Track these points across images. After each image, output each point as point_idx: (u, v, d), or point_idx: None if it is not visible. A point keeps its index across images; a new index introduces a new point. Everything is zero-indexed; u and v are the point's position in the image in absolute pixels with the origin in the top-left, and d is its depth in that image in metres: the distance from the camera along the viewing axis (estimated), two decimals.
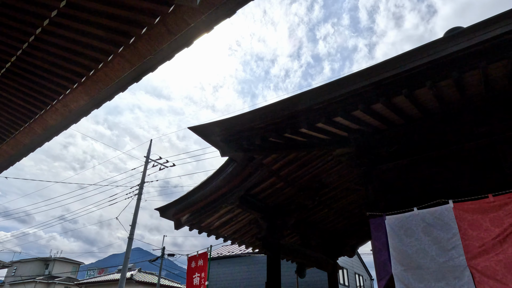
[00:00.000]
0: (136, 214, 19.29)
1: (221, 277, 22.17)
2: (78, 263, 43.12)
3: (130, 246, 18.48)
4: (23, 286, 36.05)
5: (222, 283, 21.78)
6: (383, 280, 4.00)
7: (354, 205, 6.84)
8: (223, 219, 5.97)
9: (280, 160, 5.06)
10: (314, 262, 6.81)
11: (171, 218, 5.70)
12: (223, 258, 23.04)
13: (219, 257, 23.51)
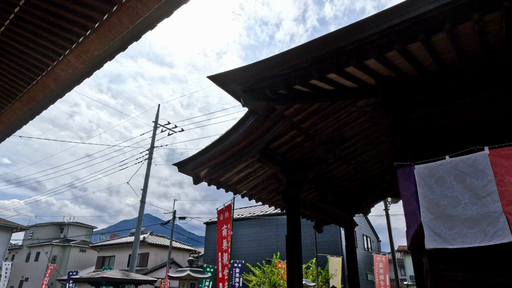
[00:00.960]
0: (147, 177, 19.53)
1: (238, 238, 22.76)
2: (91, 227, 44.59)
3: (143, 209, 18.88)
4: (40, 249, 37.57)
5: (240, 244, 22.39)
6: (411, 228, 3.94)
7: (373, 161, 6.72)
8: (241, 174, 5.90)
9: (302, 111, 4.87)
10: (332, 217, 6.81)
11: (189, 173, 5.64)
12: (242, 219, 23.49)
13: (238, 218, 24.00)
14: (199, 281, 5.75)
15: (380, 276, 11.07)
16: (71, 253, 38.28)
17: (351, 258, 7.08)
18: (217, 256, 5.08)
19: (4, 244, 23.01)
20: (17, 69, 5.20)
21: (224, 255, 4.84)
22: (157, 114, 21.98)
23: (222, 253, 4.91)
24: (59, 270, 36.17)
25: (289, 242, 5.34)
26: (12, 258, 40.71)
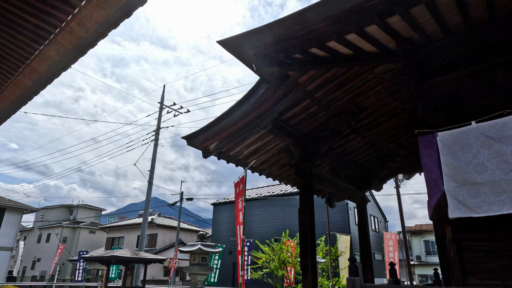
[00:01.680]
0: (154, 158, 19.51)
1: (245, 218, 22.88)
2: (100, 209, 45.22)
3: (151, 190, 18.95)
4: (51, 230, 38.29)
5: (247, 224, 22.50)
6: (434, 198, 3.77)
7: (388, 134, 6.50)
8: (252, 148, 5.73)
9: (317, 78, 4.64)
10: (344, 192, 6.66)
11: (198, 146, 5.47)
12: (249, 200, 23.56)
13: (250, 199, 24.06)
14: (210, 255, 5.67)
15: (390, 254, 11.02)
16: (81, 234, 38.99)
17: (364, 234, 6.96)
18: (236, 230, 4.97)
19: (16, 225, 23.40)
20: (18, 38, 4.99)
21: (241, 228, 4.72)
22: (162, 95, 21.77)
23: (240, 226, 4.79)
24: (70, 251, 36.94)
25: (302, 216, 5.21)
26: (24, 240, 41.63)
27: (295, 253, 9.91)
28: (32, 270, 36.54)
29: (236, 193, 5.11)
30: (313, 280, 4.88)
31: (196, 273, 5.34)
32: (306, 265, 4.93)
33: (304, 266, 4.94)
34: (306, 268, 4.92)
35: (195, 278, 5.38)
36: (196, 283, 5.35)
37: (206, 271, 5.44)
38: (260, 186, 26.82)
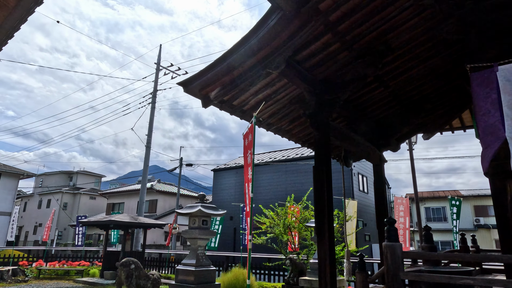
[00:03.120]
0: (152, 122, 18.72)
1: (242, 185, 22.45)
2: (99, 175, 45.00)
3: (149, 154, 18.32)
4: (51, 196, 38.21)
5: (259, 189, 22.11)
6: (491, 148, 3.02)
7: (415, 83, 5.66)
8: (259, 96, 4.92)
9: (342, 4, 3.74)
10: (361, 150, 5.93)
11: (197, 93, 4.66)
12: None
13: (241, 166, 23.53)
14: (211, 219, 5.06)
15: (400, 219, 10.55)
16: (81, 200, 38.99)
17: (381, 198, 6.31)
18: (244, 188, 4.28)
19: (13, 190, 23.03)
20: None
21: (249, 185, 4.02)
22: (159, 55, 20.60)
23: (248, 184, 4.09)
24: (71, 217, 37.07)
25: (318, 174, 4.49)
26: (25, 206, 41.73)
27: (300, 218, 9.39)
28: (34, 235, 36.84)
29: (245, 146, 4.36)
30: (330, 246, 4.26)
31: (196, 238, 4.74)
32: (322, 229, 4.29)
33: (320, 230, 4.29)
34: (322, 233, 4.28)
35: (195, 243, 4.79)
36: (196, 248, 4.76)
37: (207, 235, 4.84)
38: (261, 152, 26.24)
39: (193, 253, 4.80)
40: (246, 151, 4.23)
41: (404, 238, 10.23)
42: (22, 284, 12.07)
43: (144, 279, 4.83)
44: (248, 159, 4.08)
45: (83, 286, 11.98)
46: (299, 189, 19.59)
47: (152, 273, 5.24)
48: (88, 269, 15.12)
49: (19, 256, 16.80)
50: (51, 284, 12.27)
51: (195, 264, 4.70)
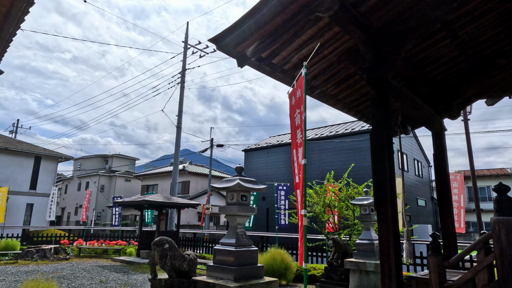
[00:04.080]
0: (182, 101, 18.44)
1: (276, 164, 21.96)
2: (133, 158, 46.16)
3: (179, 135, 18.13)
4: (89, 179, 39.69)
5: (279, 170, 21.67)
6: None
7: (489, 32, 4.71)
8: (303, 51, 4.22)
9: None
10: (421, 114, 5.10)
11: (231, 51, 4.03)
12: (281, 146, 22.43)
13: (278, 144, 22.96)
14: (250, 194, 4.53)
15: (454, 197, 9.60)
16: (117, 182, 40.24)
17: (442, 170, 5.49)
18: (292, 156, 3.64)
19: (52, 173, 23.87)
20: None
21: (299, 151, 3.36)
22: (186, 33, 20.10)
23: (297, 149, 3.45)
24: (108, 198, 38.43)
25: (377, 139, 3.78)
26: (66, 188, 43.77)
27: (342, 196, 8.70)
28: (75, 215, 38.61)
29: (292, 106, 3.69)
30: (394, 225, 3.58)
31: (235, 214, 4.23)
32: (384, 204, 3.61)
33: (381, 206, 3.62)
34: (383, 209, 3.60)
35: (233, 220, 4.29)
36: (235, 226, 4.26)
37: (247, 211, 4.32)
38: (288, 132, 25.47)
39: (232, 232, 4.30)
40: (293, 111, 3.56)
41: (458, 218, 9.30)
42: (64, 262, 12.35)
43: (179, 259, 4.42)
44: (296, 120, 3.42)
45: (120, 265, 12.07)
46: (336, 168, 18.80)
47: (187, 253, 4.84)
48: (125, 248, 15.35)
49: (60, 235, 17.39)
50: (90, 262, 12.48)
51: (235, 244, 4.20)
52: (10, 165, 21.87)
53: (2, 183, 20.23)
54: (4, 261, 11.88)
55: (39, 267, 10.94)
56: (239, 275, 4.04)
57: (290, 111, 3.67)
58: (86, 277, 9.25)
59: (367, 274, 6.50)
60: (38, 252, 12.91)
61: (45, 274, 9.57)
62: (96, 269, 10.81)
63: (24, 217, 21.92)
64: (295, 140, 3.46)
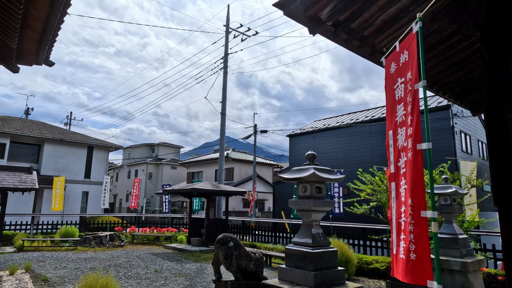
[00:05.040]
0: (225, 87, 18.04)
1: (327, 149, 21.08)
2: (178, 146, 47.23)
3: (224, 121, 17.82)
4: (137, 167, 41.23)
5: (330, 154, 20.79)
6: None
7: None
8: (391, 11, 3.42)
9: None
10: None
11: (301, 16, 3.35)
12: (329, 129, 21.48)
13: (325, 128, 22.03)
14: (326, 185, 3.88)
15: None
16: (164, 170, 41.45)
17: None
18: (387, 137, 2.89)
19: (104, 162, 24.82)
20: None
21: (399, 133, 2.58)
22: (227, 16, 19.50)
23: (396, 130, 2.67)
24: (156, 185, 39.73)
25: (496, 114, 2.95)
26: (117, 176, 45.94)
27: None
28: (126, 202, 40.42)
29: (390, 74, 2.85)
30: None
31: (309, 210, 3.63)
32: (509, 200, 2.80)
33: (505, 202, 2.81)
34: (509, 205, 2.80)
35: (308, 216, 3.69)
36: (310, 223, 3.66)
37: (323, 206, 3.70)
38: (338, 114, 24.24)
39: (307, 230, 3.71)
40: (392, 81, 2.75)
41: None
42: (119, 249, 12.63)
43: (245, 259, 3.95)
44: (397, 92, 2.62)
45: (172, 252, 12.10)
46: None
47: (253, 252, 4.35)
48: (176, 235, 15.49)
49: (114, 222, 18.00)
50: (143, 250, 12.66)
51: (311, 244, 3.61)
52: (66, 155, 23.00)
53: (60, 172, 21.34)
54: (65, 248, 12.37)
55: (97, 254, 11.22)
56: (319, 281, 3.44)
57: (387, 81, 2.90)
58: (141, 265, 9.25)
59: (451, 273, 5.66)
60: (95, 239, 13.32)
61: (102, 261, 9.73)
62: (149, 256, 10.87)
63: (81, 204, 23.10)
64: (393, 118, 2.72)
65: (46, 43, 6.26)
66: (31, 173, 12.87)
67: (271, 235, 13.89)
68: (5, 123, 22.44)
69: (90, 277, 4.87)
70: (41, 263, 9.25)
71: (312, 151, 4.07)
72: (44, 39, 6.09)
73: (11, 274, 7.40)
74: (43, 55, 6.80)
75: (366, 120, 19.41)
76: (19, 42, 6.14)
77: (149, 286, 6.92)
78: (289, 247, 3.84)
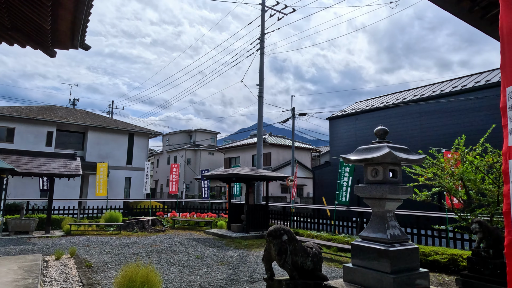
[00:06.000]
0: (262, 68, 17.35)
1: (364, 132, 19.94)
2: (215, 132, 47.47)
3: (262, 104, 17.22)
4: (176, 153, 41.99)
5: (369, 138, 19.64)
6: None
7: None
8: None
9: None
10: None
11: None
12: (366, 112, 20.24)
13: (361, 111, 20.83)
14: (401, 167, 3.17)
15: None
16: (202, 156, 41.92)
17: None
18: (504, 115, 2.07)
19: (145, 148, 25.30)
20: None
21: None
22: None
23: None
24: (194, 171, 40.32)
25: None
26: (157, 162, 47.24)
27: (482, 164, 6.77)
28: (167, 187, 41.48)
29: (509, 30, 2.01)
30: None
31: (383, 198, 2.95)
32: None
33: None
34: None
35: (381, 205, 3.02)
36: (383, 214, 2.98)
37: (401, 193, 2.98)
38: (383, 95, 22.72)
39: (380, 222, 3.04)
40: None
41: None
42: (160, 234, 12.65)
43: (301, 255, 3.38)
44: None
45: (213, 238, 11.90)
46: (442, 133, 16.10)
47: (309, 246, 3.76)
48: (216, 220, 15.35)
49: (155, 207, 18.26)
50: (184, 235, 12.58)
51: (386, 240, 2.95)
52: (109, 142, 23.66)
53: (103, 159, 21.97)
54: (109, 232, 12.58)
55: (139, 239, 11.25)
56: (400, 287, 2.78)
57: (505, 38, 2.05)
58: (182, 251, 9.06)
59: None
60: (138, 224, 13.45)
61: (144, 247, 9.67)
62: (190, 242, 10.71)
63: (124, 189, 23.79)
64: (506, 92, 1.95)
65: (79, 22, 5.95)
66: (75, 160, 13.13)
67: (314, 222, 13.28)
68: (52, 112, 23.39)
69: (130, 268, 4.57)
70: (86, 248, 9.34)
71: (383, 126, 3.36)
72: (77, 18, 5.77)
73: (57, 259, 7.43)
74: (78, 37, 6.53)
75: (415, 99, 17.93)
76: (52, 22, 5.86)
77: (191, 274, 6.63)
78: (357, 243, 3.19)
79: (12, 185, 18.83)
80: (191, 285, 5.79)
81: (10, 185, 18.49)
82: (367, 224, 3.24)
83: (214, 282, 6.05)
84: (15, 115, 20.38)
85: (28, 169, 11.31)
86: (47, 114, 22.54)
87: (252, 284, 5.99)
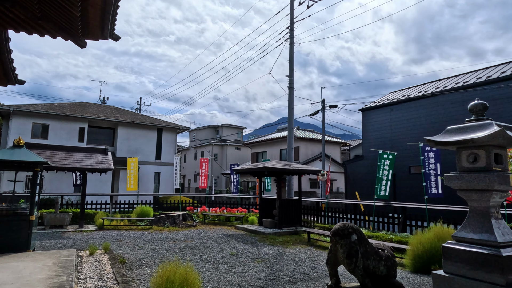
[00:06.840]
0: (292, 58, 16.68)
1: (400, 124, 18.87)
2: (241, 127, 47.26)
3: (292, 96, 16.58)
4: (203, 148, 42.09)
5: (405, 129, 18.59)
6: None
7: None
8: None
9: None
10: None
11: None
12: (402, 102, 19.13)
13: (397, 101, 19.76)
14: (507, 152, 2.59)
15: None
16: (228, 151, 41.80)
17: None
18: None
19: (173, 143, 25.34)
20: None
21: None
22: None
23: None
24: (221, 166, 40.27)
25: None
26: (185, 157, 47.63)
27: None
28: (194, 182, 41.73)
29: None
30: None
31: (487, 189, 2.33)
32: None
33: None
34: None
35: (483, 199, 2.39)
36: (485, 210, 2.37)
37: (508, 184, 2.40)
38: (420, 84, 21.44)
39: (481, 220, 2.45)
40: None
41: None
42: (192, 229, 12.41)
43: (373, 258, 2.86)
44: None
45: (245, 234, 11.51)
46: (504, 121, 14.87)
47: (381, 248, 3.22)
48: (247, 216, 14.98)
49: (185, 202, 18.13)
50: (216, 230, 12.28)
51: (494, 243, 2.35)
52: (138, 137, 23.84)
53: (133, 154, 22.14)
54: (141, 227, 12.48)
55: (171, 234, 11.03)
56: None
57: None
58: (216, 248, 8.71)
59: None
60: (169, 218, 13.29)
61: (177, 242, 9.41)
62: (223, 238, 10.37)
63: (154, 184, 23.93)
64: None
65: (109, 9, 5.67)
66: (107, 154, 13.10)
67: (348, 218, 12.60)
68: (83, 109, 23.82)
69: (168, 266, 4.20)
70: (119, 243, 9.19)
71: (480, 100, 2.74)
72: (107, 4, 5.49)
73: (91, 255, 7.26)
74: (108, 27, 6.26)
75: (457, 87, 16.70)
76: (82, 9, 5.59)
77: (227, 272, 6.23)
78: (450, 246, 2.58)
79: (47, 180, 19.31)
80: (230, 285, 5.39)
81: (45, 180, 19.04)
82: (463, 222, 2.62)
83: (253, 281, 5.62)
84: (49, 112, 20.85)
85: (61, 163, 11.34)
86: (79, 110, 22.98)
87: (294, 284, 5.52)
